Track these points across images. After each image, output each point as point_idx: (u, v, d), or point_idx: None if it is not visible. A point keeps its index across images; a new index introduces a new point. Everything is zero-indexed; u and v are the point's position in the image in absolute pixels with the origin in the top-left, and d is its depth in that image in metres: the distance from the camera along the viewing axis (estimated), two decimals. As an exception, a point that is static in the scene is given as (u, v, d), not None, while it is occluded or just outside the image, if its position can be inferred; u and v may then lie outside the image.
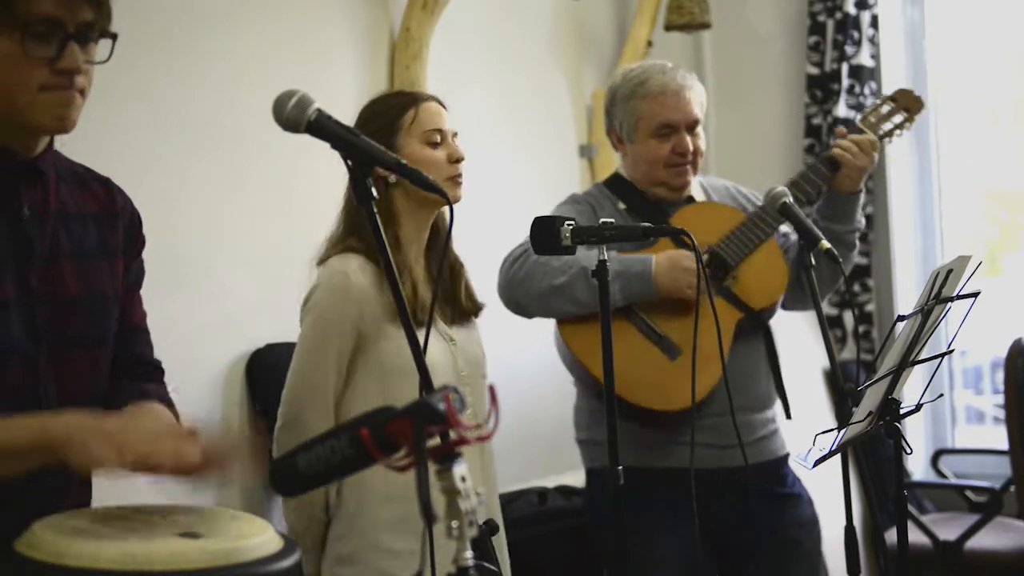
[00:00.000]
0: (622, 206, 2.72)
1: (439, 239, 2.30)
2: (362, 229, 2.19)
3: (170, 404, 1.80)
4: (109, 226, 1.74)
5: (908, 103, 2.83)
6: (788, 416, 2.76)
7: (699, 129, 2.73)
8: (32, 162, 1.62)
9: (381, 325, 2.16)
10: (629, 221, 2.67)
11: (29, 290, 1.59)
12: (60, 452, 1.45)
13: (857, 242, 2.81)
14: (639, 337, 2.59)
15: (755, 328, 2.69)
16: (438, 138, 2.24)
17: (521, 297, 2.61)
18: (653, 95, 2.69)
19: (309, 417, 2.15)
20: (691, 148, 2.69)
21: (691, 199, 2.77)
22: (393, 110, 2.25)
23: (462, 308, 2.31)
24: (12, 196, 1.60)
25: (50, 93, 1.55)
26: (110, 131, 2.68)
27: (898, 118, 2.82)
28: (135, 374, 1.79)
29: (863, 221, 2.82)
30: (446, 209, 2.22)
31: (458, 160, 2.25)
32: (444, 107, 2.31)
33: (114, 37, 1.60)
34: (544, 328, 2.86)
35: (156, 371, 1.85)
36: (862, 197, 2.78)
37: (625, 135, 2.74)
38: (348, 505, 2.20)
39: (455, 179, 2.24)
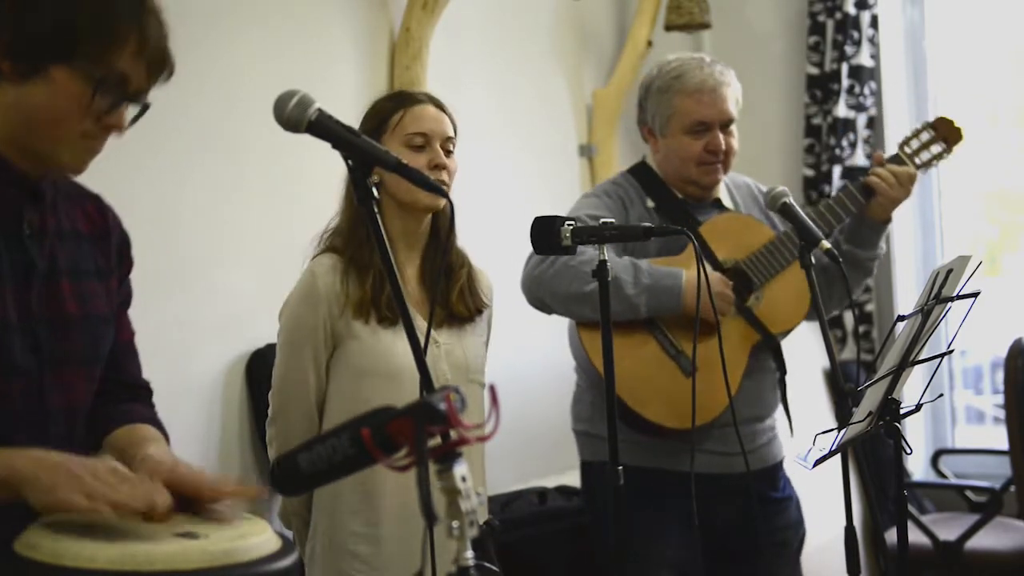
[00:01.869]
0: (651, 204, 2.68)
1: (438, 240, 2.30)
2: (348, 228, 2.24)
3: (159, 425, 1.79)
4: (101, 245, 1.74)
5: (948, 133, 2.76)
6: (791, 433, 2.75)
7: (733, 127, 2.69)
8: (34, 183, 1.62)
9: (349, 323, 2.18)
10: (656, 220, 2.65)
11: (30, 309, 1.59)
12: (25, 490, 1.41)
13: (874, 269, 2.80)
14: (657, 351, 2.58)
15: (768, 347, 2.69)
16: (420, 142, 2.24)
17: (545, 296, 2.58)
18: (689, 91, 2.64)
19: (291, 414, 2.24)
20: (724, 147, 2.65)
21: (718, 200, 2.74)
22: (383, 112, 2.28)
23: (453, 311, 2.29)
24: (15, 215, 1.60)
25: (86, 141, 1.57)
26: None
27: (936, 148, 2.76)
28: (123, 395, 1.79)
29: (884, 248, 2.79)
30: (447, 211, 2.23)
31: (438, 167, 2.24)
32: (444, 110, 2.30)
33: (146, 107, 1.61)
34: (544, 329, 2.87)
35: (144, 391, 1.85)
36: (888, 227, 2.75)
37: (658, 129, 2.70)
38: (320, 511, 2.25)
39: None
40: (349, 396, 2.19)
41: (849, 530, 2.19)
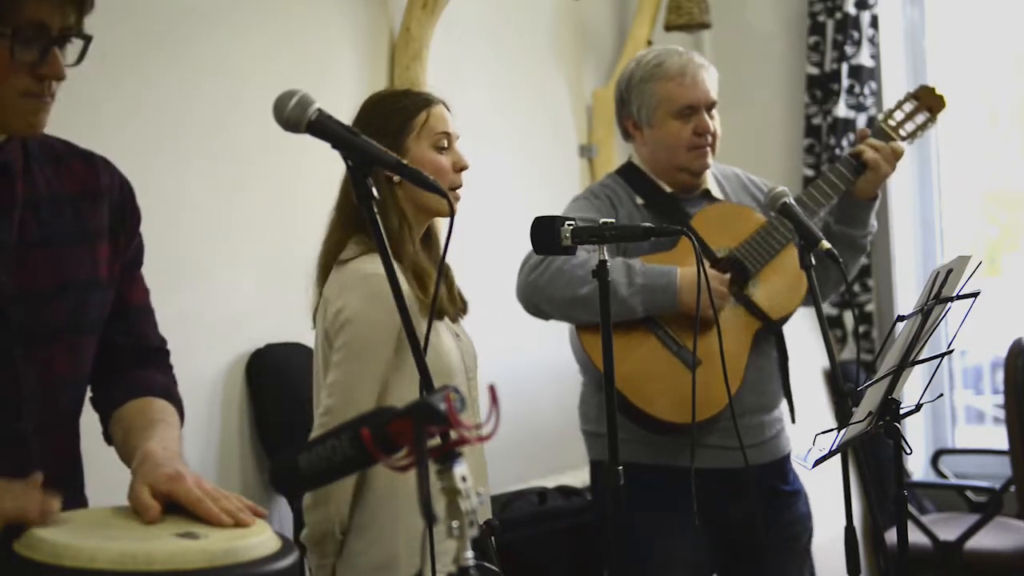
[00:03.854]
0: (640, 201, 2.69)
1: (431, 240, 2.29)
2: (392, 227, 2.15)
3: (172, 395, 1.76)
4: (90, 207, 1.67)
5: (931, 101, 2.75)
6: (793, 420, 2.76)
7: (715, 112, 2.70)
8: None
9: (417, 325, 2.11)
10: (647, 217, 2.65)
11: None
12: None
13: (868, 245, 2.81)
14: (659, 347, 2.58)
15: (770, 333, 2.69)
16: (445, 143, 2.22)
17: (542, 303, 2.58)
18: (672, 76, 2.66)
19: None
20: (711, 129, 2.67)
21: (707, 192, 2.74)
22: (406, 111, 2.21)
23: (460, 306, 2.29)
24: None
25: (29, 99, 1.52)
26: (111, 130, 2.68)
27: (920, 118, 2.74)
28: (137, 360, 1.75)
29: (875, 225, 2.80)
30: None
31: (462, 168, 2.23)
32: (449, 110, 2.28)
33: (88, 39, 1.55)
34: (544, 329, 2.86)
35: (160, 353, 1.80)
36: (877, 203, 2.76)
37: (644, 119, 2.70)
38: (375, 517, 2.15)
39: (455, 189, 2.21)
40: (410, 399, 2.12)
41: (849, 530, 2.19)
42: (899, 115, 2.75)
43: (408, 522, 2.13)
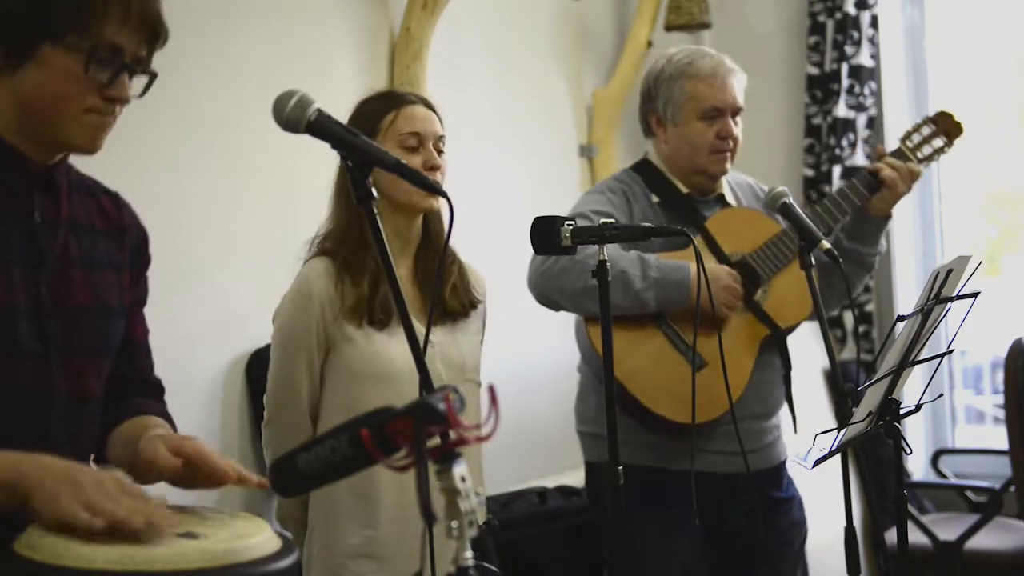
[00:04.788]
0: (655, 199, 2.69)
1: (431, 240, 2.30)
2: (341, 230, 2.23)
3: (169, 420, 1.81)
4: (116, 240, 1.75)
5: (948, 127, 2.78)
6: (795, 430, 2.75)
7: (739, 119, 2.71)
8: (47, 171, 1.64)
9: (343, 328, 2.19)
10: (661, 215, 2.66)
11: (38, 298, 1.60)
12: (27, 494, 1.37)
13: (876, 264, 2.81)
14: (666, 345, 2.58)
15: (777, 341, 2.69)
16: (415, 143, 2.23)
17: (553, 293, 2.57)
18: (703, 76, 2.66)
19: (286, 418, 2.25)
20: (734, 134, 2.67)
21: (721, 196, 2.75)
22: (375, 113, 2.26)
23: (446, 307, 2.29)
24: (25, 202, 1.61)
25: (92, 116, 1.58)
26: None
27: (938, 142, 2.77)
28: (134, 391, 1.81)
29: (884, 245, 2.80)
30: (445, 211, 2.22)
31: (432, 168, 2.23)
32: (433, 110, 2.29)
33: (153, 76, 1.64)
34: (544, 329, 2.86)
35: (156, 389, 1.86)
36: (889, 222, 2.76)
37: (669, 116, 2.69)
38: (315, 513, 2.26)
39: None
40: (344, 399, 2.20)
41: (849, 530, 2.19)
42: (916, 138, 2.78)
43: (326, 522, 2.22)
